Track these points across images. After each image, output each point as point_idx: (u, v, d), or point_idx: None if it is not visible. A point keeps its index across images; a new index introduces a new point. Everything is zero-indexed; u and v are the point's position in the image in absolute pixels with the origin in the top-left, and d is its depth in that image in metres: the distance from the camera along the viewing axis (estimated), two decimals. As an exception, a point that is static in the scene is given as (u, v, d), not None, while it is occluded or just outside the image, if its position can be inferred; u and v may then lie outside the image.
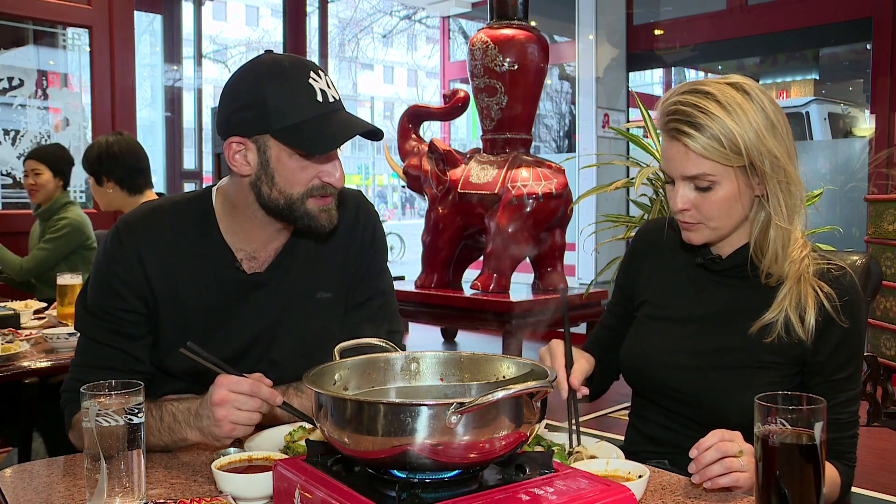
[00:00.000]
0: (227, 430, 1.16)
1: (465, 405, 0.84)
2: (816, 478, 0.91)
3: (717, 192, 1.28)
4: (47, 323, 2.71)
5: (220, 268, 1.39)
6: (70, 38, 5.18)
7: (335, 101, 1.30)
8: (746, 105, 1.25)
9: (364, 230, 1.53)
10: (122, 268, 1.35)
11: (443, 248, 5.23)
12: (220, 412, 1.15)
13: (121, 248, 1.36)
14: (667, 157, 1.32)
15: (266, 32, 21.17)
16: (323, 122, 1.26)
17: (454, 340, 6.53)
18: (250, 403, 1.16)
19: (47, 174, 3.52)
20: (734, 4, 6.37)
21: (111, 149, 2.86)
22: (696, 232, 1.34)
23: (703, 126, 1.25)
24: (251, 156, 1.30)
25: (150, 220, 1.39)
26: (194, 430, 1.22)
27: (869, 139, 5.70)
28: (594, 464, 1.12)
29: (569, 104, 10.64)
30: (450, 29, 11.34)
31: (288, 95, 1.26)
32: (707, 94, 1.26)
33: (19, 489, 1.12)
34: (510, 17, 5.21)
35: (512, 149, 5.17)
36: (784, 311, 1.30)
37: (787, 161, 1.27)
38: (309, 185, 1.30)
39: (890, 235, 3.90)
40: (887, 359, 3.95)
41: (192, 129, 9.09)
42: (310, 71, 1.28)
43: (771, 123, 1.26)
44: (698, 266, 1.42)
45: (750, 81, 1.30)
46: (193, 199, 1.44)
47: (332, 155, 1.31)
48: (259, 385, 1.17)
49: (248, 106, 1.27)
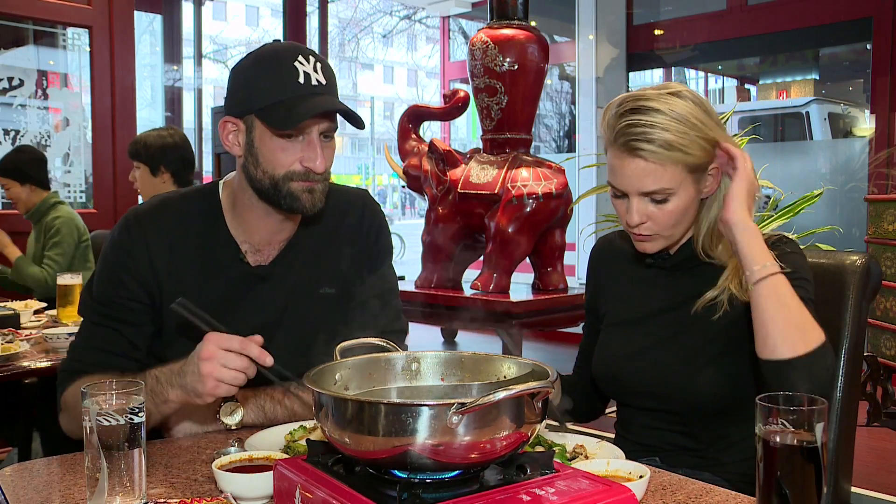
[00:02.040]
0: (211, 386, 1.14)
1: (466, 405, 0.84)
2: (818, 479, 0.91)
3: (674, 203, 1.32)
4: (47, 323, 2.71)
5: (225, 260, 1.41)
6: (70, 38, 5.18)
7: (318, 84, 1.31)
8: (690, 106, 1.29)
9: (370, 229, 1.54)
10: (130, 258, 1.38)
11: (443, 248, 5.23)
12: (206, 367, 1.13)
13: (129, 238, 1.39)
14: (623, 174, 1.32)
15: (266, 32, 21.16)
16: (298, 102, 1.28)
17: (454, 340, 6.53)
18: (238, 362, 1.14)
19: (15, 186, 3.46)
20: (734, 4, 6.37)
21: (172, 139, 2.89)
22: (652, 242, 1.38)
23: (660, 138, 1.27)
24: (241, 136, 1.35)
25: (159, 211, 1.42)
26: (177, 388, 1.20)
27: (869, 139, 5.70)
28: (595, 464, 1.12)
29: (569, 104, 10.65)
30: (450, 29, 11.34)
31: (272, 76, 1.30)
32: (654, 109, 1.28)
33: (19, 488, 1.12)
34: (510, 17, 5.21)
35: (512, 149, 5.17)
36: (726, 290, 1.34)
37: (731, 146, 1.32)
38: (290, 169, 1.32)
39: (890, 235, 3.90)
40: (887, 359, 3.95)
41: (192, 129, 9.08)
42: (299, 55, 1.31)
43: (713, 120, 1.31)
44: (649, 267, 1.47)
45: (683, 87, 1.34)
46: (201, 191, 1.47)
47: (312, 140, 1.32)
48: (249, 343, 1.15)
49: (240, 87, 1.34)
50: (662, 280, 1.46)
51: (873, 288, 1.52)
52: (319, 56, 1.34)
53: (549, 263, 5.08)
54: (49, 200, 3.53)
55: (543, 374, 1.01)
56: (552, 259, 5.08)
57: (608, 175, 1.37)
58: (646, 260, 1.46)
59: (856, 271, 1.48)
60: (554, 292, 4.94)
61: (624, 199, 1.35)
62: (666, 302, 1.45)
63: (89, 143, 4.91)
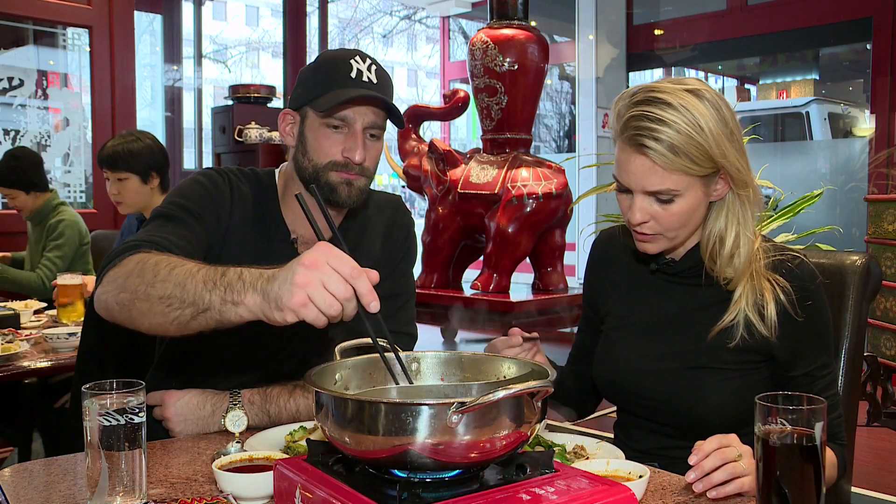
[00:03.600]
0: (299, 301, 0.94)
1: (465, 405, 0.84)
2: (817, 478, 0.91)
3: (679, 204, 1.26)
4: (47, 323, 2.71)
5: (278, 244, 1.47)
6: (70, 38, 5.18)
7: (369, 81, 1.40)
8: (706, 112, 1.22)
9: (399, 231, 1.61)
10: (217, 189, 1.44)
11: (443, 248, 5.23)
12: (303, 276, 0.94)
13: (221, 178, 1.46)
14: (627, 170, 1.27)
15: (266, 32, 21.15)
16: (343, 92, 1.37)
17: (454, 340, 6.53)
18: (340, 288, 0.94)
19: (21, 195, 3.42)
20: (734, 4, 6.38)
21: (152, 141, 2.87)
22: (654, 243, 1.32)
23: (668, 140, 1.21)
24: (296, 127, 1.45)
25: (238, 177, 1.49)
26: (258, 294, 0.99)
27: (869, 139, 5.70)
28: (594, 464, 1.12)
29: (569, 104, 10.64)
30: (450, 29, 11.34)
31: (327, 72, 1.41)
32: (668, 104, 1.22)
33: (20, 488, 1.12)
34: (510, 17, 5.21)
35: (512, 149, 5.17)
36: (742, 312, 1.29)
37: (746, 167, 1.27)
38: (332, 158, 1.40)
39: (890, 235, 3.90)
40: (887, 359, 3.95)
41: (192, 129, 9.08)
42: (356, 56, 1.42)
43: (729, 130, 1.24)
44: (654, 273, 1.41)
45: (703, 84, 1.27)
46: (259, 175, 1.53)
47: (356, 132, 1.40)
48: (362, 274, 0.95)
49: (300, 83, 1.46)
50: (668, 287, 1.40)
51: (873, 288, 1.52)
52: (377, 61, 1.44)
53: (549, 263, 5.09)
54: (52, 202, 3.48)
55: (543, 373, 1.01)
56: (552, 259, 5.08)
57: (614, 168, 1.31)
58: (650, 265, 1.40)
59: (856, 271, 1.48)
60: (554, 292, 4.94)
61: (628, 195, 1.29)
62: (672, 311, 1.39)
63: (89, 143, 4.91)
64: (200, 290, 1.04)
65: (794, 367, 1.31)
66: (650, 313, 1.42)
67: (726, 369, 1.33)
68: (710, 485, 1.07)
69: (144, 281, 1.12)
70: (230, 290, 1.02)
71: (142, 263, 1.15)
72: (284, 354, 1.48)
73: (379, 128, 1.43)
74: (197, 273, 1.07)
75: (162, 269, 1.11)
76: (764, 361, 1.33)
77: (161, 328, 1.12)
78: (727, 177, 1.27)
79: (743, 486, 1.07)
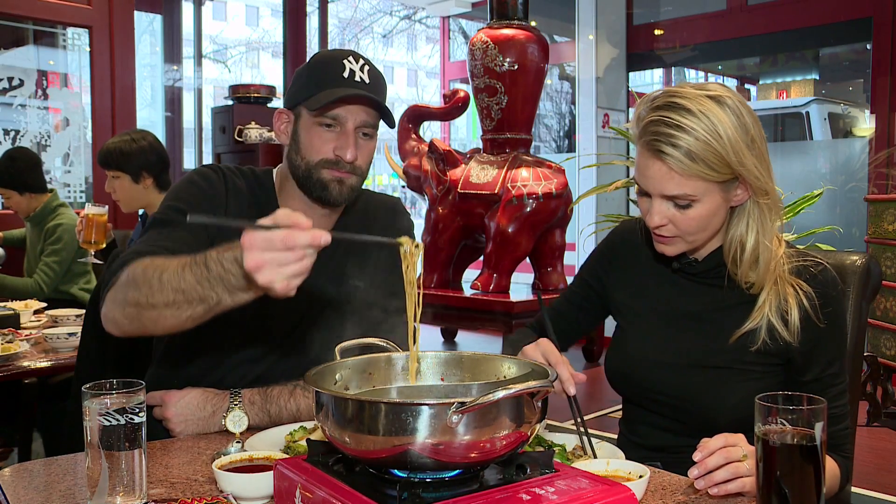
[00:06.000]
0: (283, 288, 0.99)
1: (465, 405, 0.84)
2: (817, 478, 0.91)
3: (697, 209, 1.26)
4: (47, 323, 2.71)
5: None
6: (70, 38, 5.18)
7: (361, 81, 1.42)
8: (726, 119, 1.22)
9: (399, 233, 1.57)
10: (211, 188, 1.45)
11: (443, 248, 5.23)
12: (262, 278, 0.97)
13: (215, 175, 1.48)
14: (645, 175, 1.27)
15: (266, 32, 21.14)
16: (335, 91, 1.39)
17: (454, 340, 6.53)
18: (291, 257, 0.97)
19: (14, 196, 3.43)
20: (734, 4, 6.37)
21: (147, 143, 2.87)
22: (672, 245, 1.33)
23: (686, 147, 1.21)
24: (290, 126, 1.48)
25: (235, 175, 1.51)
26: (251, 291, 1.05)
27: (869, 139, 5.70)
28: (594, 464, 1.12)
29: (569, 104, 10.64)
30: (450, 29, 11.34)
31: (321, 71, 1.43)
32: (687, 111, 1.22)
33: (20, 488, 1.12)
34: (510, 17, 5.21)
35: (512, 149, 5.17)
36: (766, 317, 1.30)
37: (766, 175, 1.27)
38: (324, 156, 1.42)
39: (890, 235, 3.90)
40: (887, 359, 3.95)
41: (192, 129, 9.07)
42: (349, 56, 1.44)
43: (751, 138, 1.24)
44: (675, 272, 1.41)
45: (727, 90, 1.26)
46: (257, 174, 1.55)
47: (348, 131, 1.42)
48: (293, 235, 0.97)
49: (294, 83, 1.48)
50: (689, 286, 1.40)
51: (873, 288, 1.52)
52: (370, 61, 1.46)
53: (549, 263, 5.09)
54: (51, 204, 3.46)
55: (543, 373, 1.01)
56: (552, 259, 5.08)
57: (634, 171, 1.32)
58: (672, 264, 1.40)
59: (856, 271, 1.48)
60: (554, 292, 4.94)
61: (647, 198, 1.30)
62: (693, 309, 1.39)
63: (89, 143, 4.92)
64: (199, 289, 1.08)
65: (807, 372, 1.31)
66: (670, 309, 1.42)
67: (746, 370, 1.33)
68: (712, 483, 1.07)
69: (143, 293, 1.16)
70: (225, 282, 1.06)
71: (133, 276, 1.20)
72: (288, 344, 1.49)
73: (371, 127, 1.45)
74: (182, 272, 1.10)
75: (153, 279, 1.14)
76: (781, 365, 1.34)
77: (177, 327, 1.18)
78: (746, 184, 1.27)
79: (745, 486, 1.06)
